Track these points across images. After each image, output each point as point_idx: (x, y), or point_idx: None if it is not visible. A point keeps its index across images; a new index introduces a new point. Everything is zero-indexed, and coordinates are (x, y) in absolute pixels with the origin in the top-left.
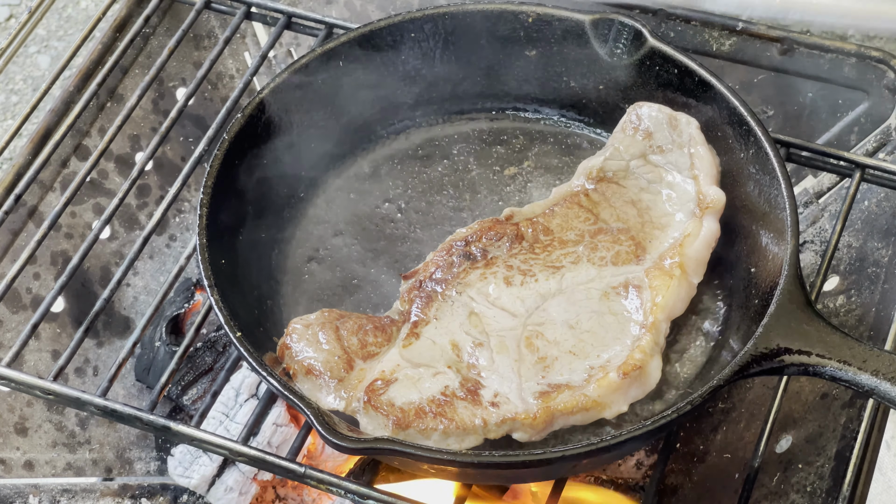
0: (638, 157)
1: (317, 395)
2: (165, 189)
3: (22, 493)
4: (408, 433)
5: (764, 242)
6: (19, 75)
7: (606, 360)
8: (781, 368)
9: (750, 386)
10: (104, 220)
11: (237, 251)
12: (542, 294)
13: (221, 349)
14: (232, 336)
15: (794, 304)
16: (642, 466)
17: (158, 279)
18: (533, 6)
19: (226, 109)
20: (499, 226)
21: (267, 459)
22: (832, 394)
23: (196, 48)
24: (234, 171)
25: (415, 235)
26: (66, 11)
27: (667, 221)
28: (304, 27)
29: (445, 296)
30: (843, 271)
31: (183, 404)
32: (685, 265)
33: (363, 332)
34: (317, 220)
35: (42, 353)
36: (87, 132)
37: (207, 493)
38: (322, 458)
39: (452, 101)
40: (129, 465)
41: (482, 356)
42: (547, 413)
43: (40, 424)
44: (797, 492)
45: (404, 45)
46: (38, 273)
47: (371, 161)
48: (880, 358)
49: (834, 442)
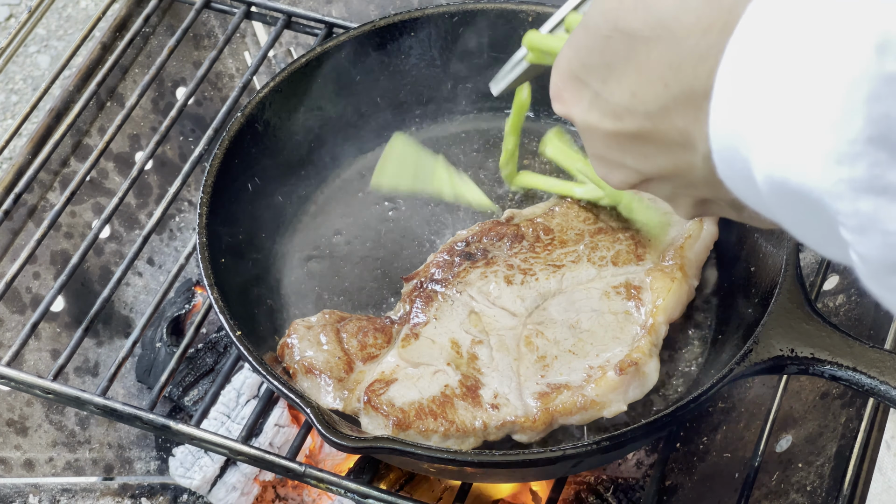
0: None
1: (316, 395)
2: (165, 188)
3: (22, 492)
4: (408, 434)
5: (763, 241)
6: (19, 75)
7: (606, 360)
8: (781, 368)
9: (750, 385)
10: (104, 220)
11: (237, 250)
12: (543, 293)
13: (223, 350)
14: (232, 335)
15: (794, 304)
16: (642, 466)
17: (158, 279)
18: (533, 6)
19: (226, 109)
20: (499, 226)
21: (267, 458)
22: (832, 393)
23: (196, 48)
24: (234, 170)
25: (415, 235)
26: (66, 11)
27: (667, 220)
28: (303, 27)
29: (445, 296)
30: (842, 270)
31: (184, 405)
32: (686, 267)
33: (363, 333)
34: (317, 219)
35: (42, 352)
36: (87, 132)
37: (209, 493)
38: (322, 458)
39: (452, 100)
40: (129, 465)
41: (482, 354)
42: (546, 415)
43: (40, 424)
44: (797, 491)
45: (404, 44)
46: (38, 272)
47: (371, 160)
48: (880, 357)
49: (834, 441)
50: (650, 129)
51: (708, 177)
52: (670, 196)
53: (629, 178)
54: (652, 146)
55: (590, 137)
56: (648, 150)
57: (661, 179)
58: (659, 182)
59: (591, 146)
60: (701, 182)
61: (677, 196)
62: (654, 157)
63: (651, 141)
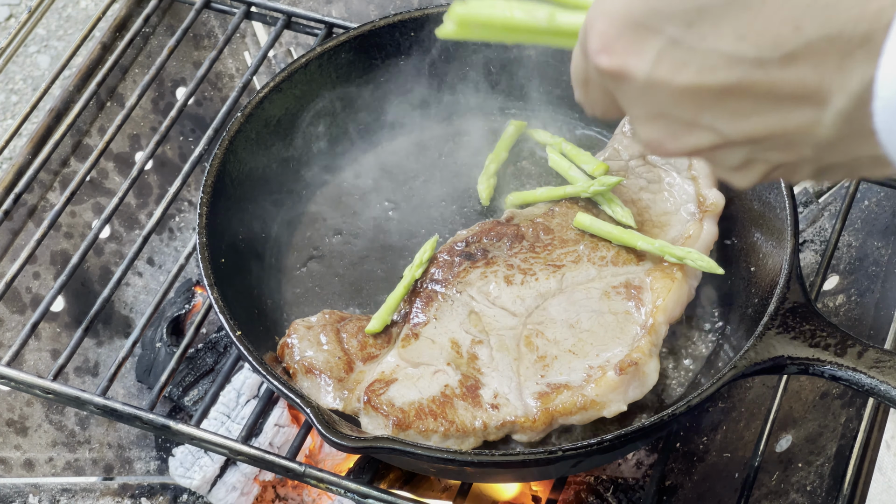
0: (637, 156)
1: (316, 395)
2: (165, 188)
3: (22, 492)
4: (408, 434)
5: (764, 242)
6: (19, 75)
7: (606, 360)
8: (781, 367)
9: (750, 385)
10: (104, 220)
11: (237, 250)
12: (543, 293)
13: (223, 350)
14: (232, 335)
15: (794, 304)
16: (642, 466)
17: (158, 279)
18: None
19: (226, 109)
20: (499, 227)
21: (266, 458)
22: (832, 393)
23: (196, 48)
24: (233, 170)
25: (415, 235)
26: (66, 11)
27: (666, 220)
28: (303, 27)
29: (445, 296)
30: (842, 270)
31: (184, 405)
32: (686, 267)
33: (363, 334)
34: (317, 219)
35: (42, 352)
36: (87, 132)
37: (209, 493)
38: (322, 458)
39: (451, 100)
40: (128, 465)
41: (482, 354)
42: (546, 415)
43: (40, 424)
44: (797, 491)
45: (403, 44)
46: (38, 272)
47: (371, 160)
48: (880, 357)
49: (834, 441)
50: (758, 82)
51: (835, 135)
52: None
53: (701, 141)
54: (751, 102)
55: (652, 95)
56: (744, 106)
57: (743, 144)
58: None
59: (650, 105)
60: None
61: (753, 163)
62: (751, 116)
63: (753, 96)
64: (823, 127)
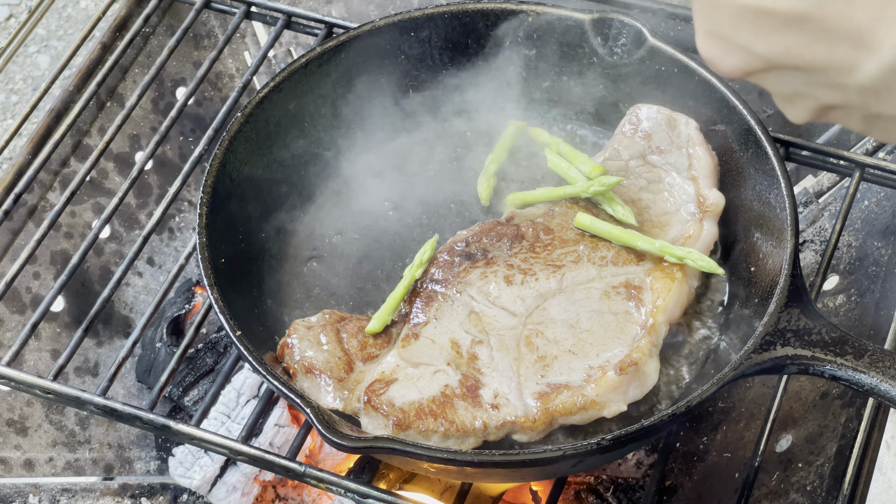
0: (637, 157)
1: (316, 395)
2: (165, 188)
3: (22, 492)
4: (408, 434)
5: (764, 241)
6: (19, 75)
7: (606, 360)
8: (781, 367)
9: (750, 385)
10: (104, 220)
11: (237, 250)
12: (543, 293)
13: (223, 350)
14: (232, 335)
15: (794, 303)
16: (642, 466)
17: (158, 279)
18: (533, 5)
19: (226, 109)
20: (499, 227)
21: (266, 458)
22: (832, 393)
23: (196, 48)
24: (233, 170)
25: (415, 235)
26: (66, 11)
27: (666, 220)
28: (303, 27)
29: (446, 296)
30: (842, 270)
31: (184, 405)
32: (686, 267)
33: (363, 334)
34: (317, 219)
35: (42, 352)
36: (87, 132)
37: (209, 493)
38: (322, 458)
39: (451, 100)
40: (129, 465)
41: (482, 354)
42: (546, 415)
43: (40, 424)
44: (797, 491)
45: (403, 44)
46: (38, 272)
47: (371, 160)
48: (880, 357)
49: (834, 441)
50: (813, 14)
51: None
52: (793, 94)
53: (752, 63)
54: (806, 34)
55: (714, 8)
56: (799, 37)
57: (793, 71)
58: (788, 74)
59: (711, 20)
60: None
61: (802, 97)
62: (803, 47)
63: (808, 28)
64: (865, 72)
